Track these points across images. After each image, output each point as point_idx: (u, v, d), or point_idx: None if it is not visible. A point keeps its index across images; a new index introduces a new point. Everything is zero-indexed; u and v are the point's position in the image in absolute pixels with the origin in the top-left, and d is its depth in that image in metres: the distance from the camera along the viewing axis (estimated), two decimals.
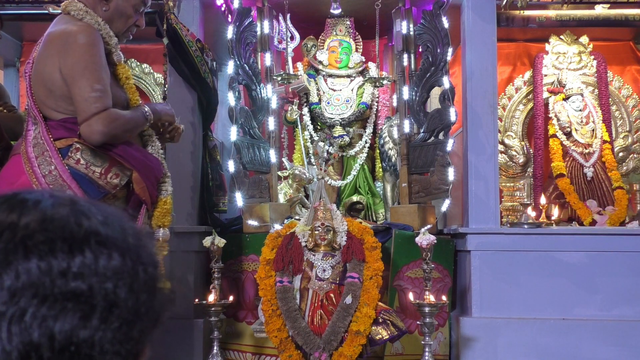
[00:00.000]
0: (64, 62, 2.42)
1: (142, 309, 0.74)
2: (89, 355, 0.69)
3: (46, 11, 2.87)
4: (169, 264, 2.93)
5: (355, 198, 4.44)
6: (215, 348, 3.61)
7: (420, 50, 4.24)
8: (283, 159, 4.47)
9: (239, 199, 3.93)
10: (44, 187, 2.39)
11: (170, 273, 3.83)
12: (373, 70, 4.57)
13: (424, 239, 3.42)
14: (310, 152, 4.46)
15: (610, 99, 4.84)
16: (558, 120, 4.72)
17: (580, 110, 4.74)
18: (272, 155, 4.16)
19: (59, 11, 2.65)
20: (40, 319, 0.67)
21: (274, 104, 4.25)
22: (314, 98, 4.52)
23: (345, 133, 4.47)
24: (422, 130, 4.11)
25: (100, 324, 0.70)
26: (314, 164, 4.38)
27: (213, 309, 3.55)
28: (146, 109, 2.63)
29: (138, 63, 4.82)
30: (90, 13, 2.54)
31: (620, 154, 4.88)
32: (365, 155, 4.53)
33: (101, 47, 2.51)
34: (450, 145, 3.94)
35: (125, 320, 0.72)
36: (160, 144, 2.74)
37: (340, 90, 4.55)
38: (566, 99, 4.76)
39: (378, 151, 4.53)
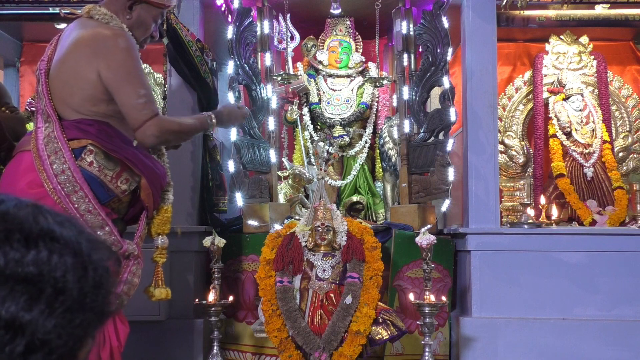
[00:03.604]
0: (104, 65, 2.45)
1: (87, 301, 0.80)
2: (33, 336, 0.74)
3: (46, 11, 2.88)
4: (169, 264, 2.95)
5: (355, 198, 4.44)
6: (215, 348, 3.61)
7: (420, 50, 4.24)
8: (283, 159, 4.47)
9: (239, 199, 3.93)
10: (54, 186, 2.39)
11: (170, 273, 3.83)
12: (373, 70, 4.58)
13: (424, 239, 3.42)
14: (310, 152, 4.46)
15: (610, 99, 4.84)
16: (558, 120, 4.72)
17: (580, 110, 4.74)
18: (272, 155, 4.16)
19: (70, 11, 2.67)
20: None
21: (274, 104, 4.25)
22: (314, 98, 4.52)
23: (345, 133, 4.47)
24: (422, 130, 4.11)
25: (45, 308, 0.75)
26: (314, 164, 4.38)
27: (213, 309, 3.55)
28: (211, 119, 2.73)
29: None
30: (115, 18, 2.58)
31: (620, 154, 4.88)
32: (365, 155, 4.53)
33: (138, 51, 2.58)
34: (450, 145, 3.94)
35: (70, 308, 0.77)
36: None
37: (340, 90, 4.55)
38: (566, 99, 4.76)
39: (378, 151, 4.53)
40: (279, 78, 4.26)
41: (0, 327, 0.73)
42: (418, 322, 3.60)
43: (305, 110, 4.52)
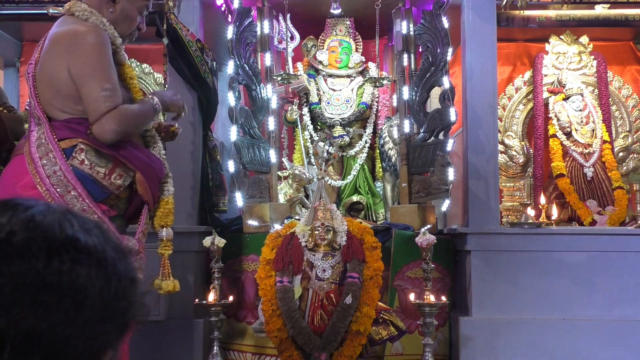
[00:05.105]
0: (72, 61, 2.41)
1: (108, 313, 0.78)
2: (50, 346, 0.73)
3: (46, 11, 2.87)
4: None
5: (355, 198, 4.44)
6: (215, 348, 3.61)
7: (420, 50, 4.24)
8: (283, 159, 4.48)
9: (239, 199, 3.93)
10: (47, 188, 2.38)
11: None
12: (373, 70, 4.58)
13: (424, 239, 3.42)
14: (310, 152, 4.46)
15: (610, 99, 4.84)
16: (558, 120, 4.72)
17: (580, 110, 4.74)
18: (272, 155, 4.16)
19: (58, 12, 2.65)
20: (7, 306, 0.72)
21: (274, 104, 4.25)
22: (314, 98, 4.52)
23: (345, 133, 4.47)
24: (422, 130, 4.11)
25: (64, 318, 0.74)
26: (314, 164, 4.38)
27: (213, 309, 3.55)
28: (155, 101, 2.62)
29: (138, 63, 4.82)
30: (95, 14, 2.55)
31: (620, 154, 4.88)
32: (365, 155, 4.53)
33: (109, 46, 2.51)
34: (450, 145, 3.94)
35: (89, 319, 0.76)
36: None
37: (340, 90, 4.55)
38: (566, 99, 4.76)
39: (378, 151, 4.53)
40: (279, 78, 4.27)
41: (17, 336, 0.72)
42: (418, 322, 3.60)
43: (305, 110, 4.52)
